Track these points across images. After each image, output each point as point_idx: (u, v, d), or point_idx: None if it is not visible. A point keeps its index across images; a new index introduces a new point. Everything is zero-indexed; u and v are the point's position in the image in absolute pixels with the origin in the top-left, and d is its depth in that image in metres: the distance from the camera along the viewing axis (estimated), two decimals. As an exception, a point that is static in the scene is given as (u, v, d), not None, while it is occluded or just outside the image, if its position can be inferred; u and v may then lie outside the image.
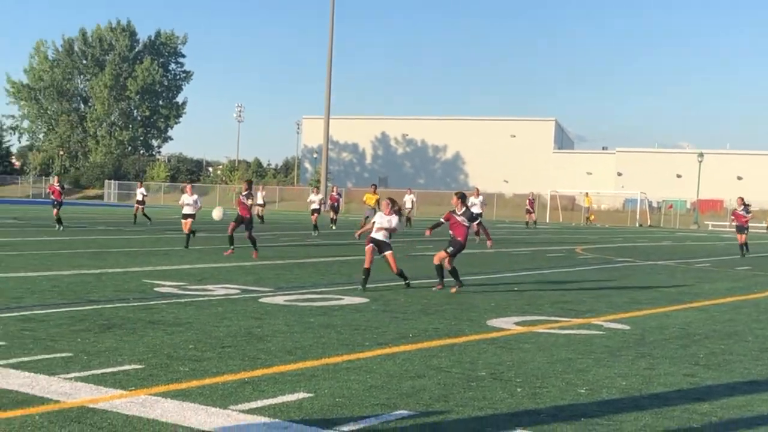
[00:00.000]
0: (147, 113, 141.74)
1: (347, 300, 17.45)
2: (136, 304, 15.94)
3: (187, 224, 30.96)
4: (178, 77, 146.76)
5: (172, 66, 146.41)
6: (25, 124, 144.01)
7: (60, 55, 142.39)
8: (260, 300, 17.02)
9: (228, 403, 8.80)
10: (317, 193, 51.59)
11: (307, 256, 29.36)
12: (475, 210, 37.71)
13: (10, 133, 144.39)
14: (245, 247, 28.88)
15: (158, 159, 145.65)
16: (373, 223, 20.08)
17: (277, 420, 8.27)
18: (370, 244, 19.65)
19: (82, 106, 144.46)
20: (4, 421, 7.98)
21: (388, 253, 19.70)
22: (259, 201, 55.61)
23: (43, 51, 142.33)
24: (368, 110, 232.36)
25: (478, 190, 48.86)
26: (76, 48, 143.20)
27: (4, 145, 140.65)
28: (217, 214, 28.95)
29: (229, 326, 13.67)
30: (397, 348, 12.34)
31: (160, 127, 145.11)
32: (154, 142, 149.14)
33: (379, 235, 19.68)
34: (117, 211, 73.06)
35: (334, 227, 50.52)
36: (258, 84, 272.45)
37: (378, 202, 42.47)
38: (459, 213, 19.86)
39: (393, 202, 20.08)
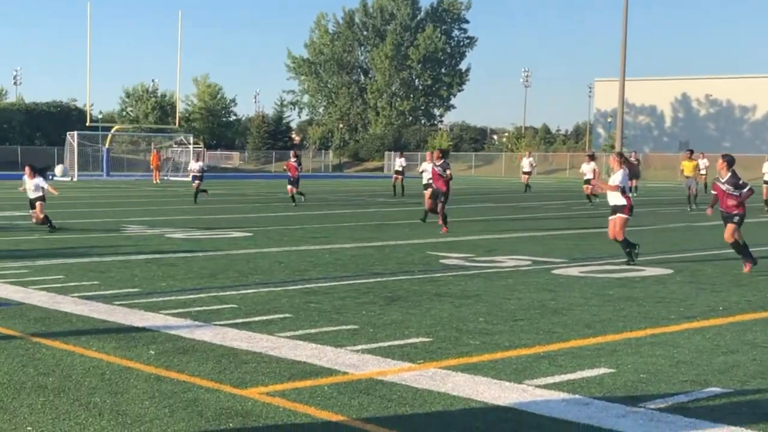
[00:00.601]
0: (429, 82, 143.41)
1: (649, 271, 16.95)
2: (420, 276, 16.09)
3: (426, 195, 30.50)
4: (461, 44, 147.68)
5: (455, 32, 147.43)
6: (305, 98, 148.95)
7: (340, 28, 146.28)
8: (553, 271, 16.80)
9: (522, 378, 8.67)
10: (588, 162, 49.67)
11: (603, 225, 28.82)
12: None
13: (290, 108, 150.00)
14: (521, 219, 28.68)
15: (440, 128, 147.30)
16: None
17: (577, 396, 8.07)
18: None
19: (362, 77, 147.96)
20: (294, 392, 8.17)
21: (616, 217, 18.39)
22: (527, 169, 54.67)
23: (323, 24, 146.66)
24: (667, 70, 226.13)
25: None
26: (356, 20, 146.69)
27: (284, 121, 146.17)
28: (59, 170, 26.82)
29: (521, 299, 13.54)
30: (706, 322, 11.84)
31: (442, 96, 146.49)
32: (436, 111, 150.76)
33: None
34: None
35: (635, 194, 49.04)
36: (546, 47, 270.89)
37: (696, 168, 40.77)
38: (723, 180, 17.25)
39: (620, 155, 19.11)
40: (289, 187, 39.22)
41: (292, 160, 39.99)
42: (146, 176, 76.53)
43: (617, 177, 18.15)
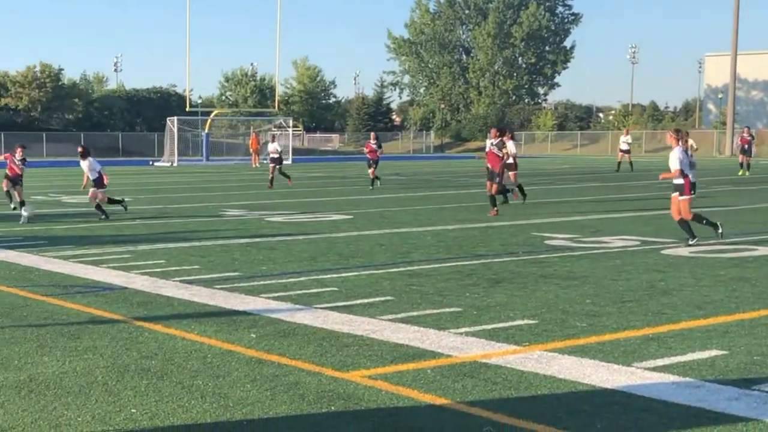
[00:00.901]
0: (533, 60, 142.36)
1: (762, 250, 16.64)
2: (525, 257, 16.02)
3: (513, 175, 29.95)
4: (566, 20, 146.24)
5: (560, 9, 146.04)
6: (406, 79, 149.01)
7: (442, 7, 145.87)
8: (662, 252, 16.59)
9: (631, 361, 8.59)
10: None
11: (713, 204, 28.37)
12: None
13: (391, 89, 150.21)
14: (629, 198, 28.29)
15: (544, 107, 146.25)
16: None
17: (687, 378, 7.98)
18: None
19: (463, 57, 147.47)
20: (396, 375, 8.21)
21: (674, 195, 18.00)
22: (624, 147, 53.46)
23: (424, 4, 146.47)
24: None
25: None
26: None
27: (384, 102, 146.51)
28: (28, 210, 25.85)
29: (629, 280, 13.40)
30: (824, 302, 11.60)
31: (546, 74, 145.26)
32: (540, 90, 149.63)
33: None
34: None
35: (746, 173, 48.12)
36: (654, 23, 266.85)
37: None
38: None
39: (677, 131, 18.64)
40: (370, 170, 38.24)
41: (372, 142, 38.86)
42: (245, 160, 77.28)
43: (674, 156, 17.85)
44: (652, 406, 7.25)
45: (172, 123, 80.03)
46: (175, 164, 73.29)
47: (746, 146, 49.69)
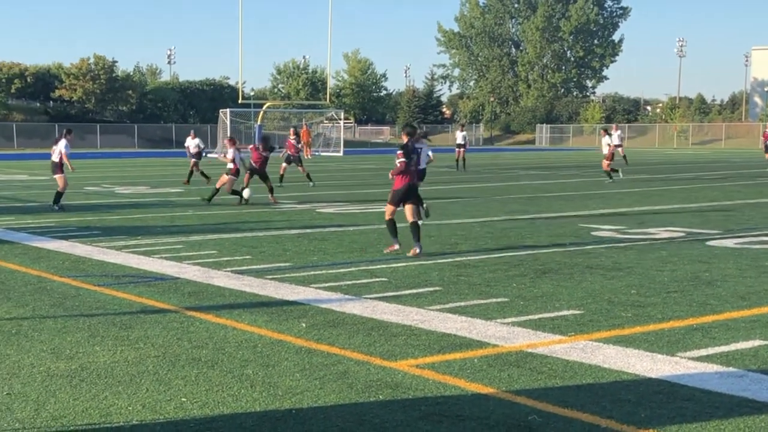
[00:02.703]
0: (581, 53, 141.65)
1: (807, 242, 16.48)
2: (572, 248, 15.96)
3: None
4: (614, 14, 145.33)
5: (608, 3, 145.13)
6: (456, 72, 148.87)
7: (491, 1, 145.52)
8: (707, 243, 16.48)
9: (675, 350, 8.56)
10: None
11: (760, 195, 28.13)
12: None
13: (441, 82, 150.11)
14: (675, 190, 28.11)
15: (592, 100, 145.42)
16: None
17: (731, 368, 7.94)
18: None
19: (513, 50, 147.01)
20: (443, 364, 8.23)
21: None
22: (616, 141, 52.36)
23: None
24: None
25: None
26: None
27: (435, 95, 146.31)
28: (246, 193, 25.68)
29: (674, 270, 13.33)
30: None
31: (594, 67, 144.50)
32: (588, 83, 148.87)
33: None
34: (549, 156, 73.78)
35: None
36: (702, 16, 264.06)
37: None
38: None
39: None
40: (295, 167, 35.79)
41: (292, 138, 36.33)
42: (297, 152, 77.25)
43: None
44: (695, 396, 7.21)
45: (225, 115, 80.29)
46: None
47: None
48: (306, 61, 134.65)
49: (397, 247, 15.35)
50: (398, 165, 15.39)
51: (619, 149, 51.08)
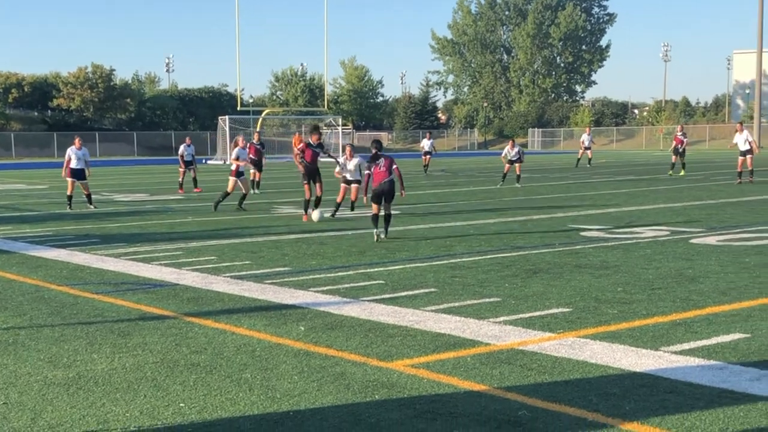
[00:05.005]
0: (570, 59, 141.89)
1: (788, 238, 16.55)
2: (562, 249, 16.02)
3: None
4: (601, 20, 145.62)
5: (595, 10, 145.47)
6: (450, 78, 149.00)
7: (483, 8, 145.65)
8: (691, 241, 16.56)
9: (659, 345, 8.64)
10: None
11: (741, 194, 28.22)
12: None
13: (436, 89, 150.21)
14: (661, 190, 28.20)
15: (582, 104, 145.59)
16: None
17: (712, 361, 8.02)
18: None
19: (504, 56, 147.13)
20: (438, 363, 8.29)
21: None
22: (587, 144, 52.36)
23: (466, 5, 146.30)
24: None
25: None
26: (498, 0, 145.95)
27: (430, 101, 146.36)
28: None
29: (659, 268, 13.41)
30: None
31: (583, 72, 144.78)
32: (578, 88, 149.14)
33: None
34: (540, 159, 73.81)
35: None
36: (685, 21, 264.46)
37: None
38: None
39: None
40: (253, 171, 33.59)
41: (256, 142, 34.39)
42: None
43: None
44: (677, 388, 7.28)
45: (224, 122, 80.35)
46: (227, 162, 73.67)
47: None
48: (304, 68, 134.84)
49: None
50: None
51: (588, 151, 51.30)
